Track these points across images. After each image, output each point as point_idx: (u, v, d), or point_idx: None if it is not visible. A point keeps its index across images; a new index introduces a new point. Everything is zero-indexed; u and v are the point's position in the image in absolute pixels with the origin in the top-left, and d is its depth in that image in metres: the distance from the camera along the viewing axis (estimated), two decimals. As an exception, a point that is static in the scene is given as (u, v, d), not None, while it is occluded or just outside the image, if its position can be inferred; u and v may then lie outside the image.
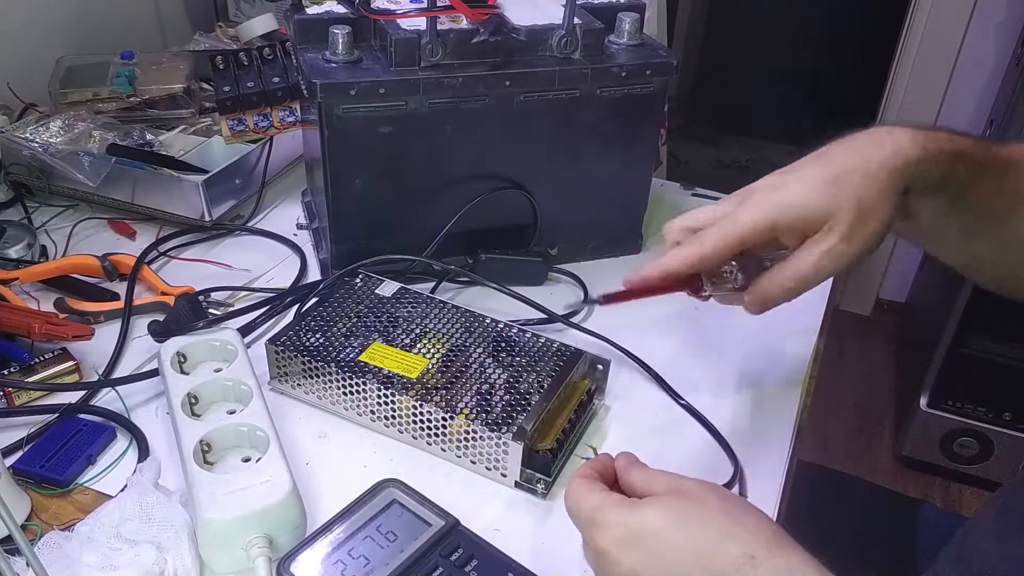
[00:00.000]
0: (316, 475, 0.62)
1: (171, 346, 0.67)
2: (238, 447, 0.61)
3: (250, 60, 0.92)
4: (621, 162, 0.85)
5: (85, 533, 0.54)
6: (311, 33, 0.77)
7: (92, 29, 1.17)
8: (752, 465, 0.65)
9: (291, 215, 0.95)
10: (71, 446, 0.62)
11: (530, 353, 0.67)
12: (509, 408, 0.61)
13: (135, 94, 1.03)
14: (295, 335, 0.68)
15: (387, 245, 0.80)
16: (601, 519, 0.48)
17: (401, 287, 0.74)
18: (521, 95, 0.77)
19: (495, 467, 0.61)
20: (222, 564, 0.54)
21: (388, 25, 0.74)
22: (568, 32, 0.76)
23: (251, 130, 0.91)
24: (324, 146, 0.75)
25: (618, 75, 0.78)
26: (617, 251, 0.91)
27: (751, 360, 0.77)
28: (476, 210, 0.81)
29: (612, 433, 0.68)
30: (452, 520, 0.55)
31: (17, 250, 0.85)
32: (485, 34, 0.75)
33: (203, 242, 0.91)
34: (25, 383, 0.67)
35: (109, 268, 0.83)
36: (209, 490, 0.54)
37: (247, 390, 0.63)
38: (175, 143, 1.01)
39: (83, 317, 0.77)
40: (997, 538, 0.50)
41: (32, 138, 0.93)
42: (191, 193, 0.88)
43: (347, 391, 0.65)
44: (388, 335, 0.68)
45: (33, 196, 0.96)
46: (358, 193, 0.78)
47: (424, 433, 0.63)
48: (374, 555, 0.52)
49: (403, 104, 0.74)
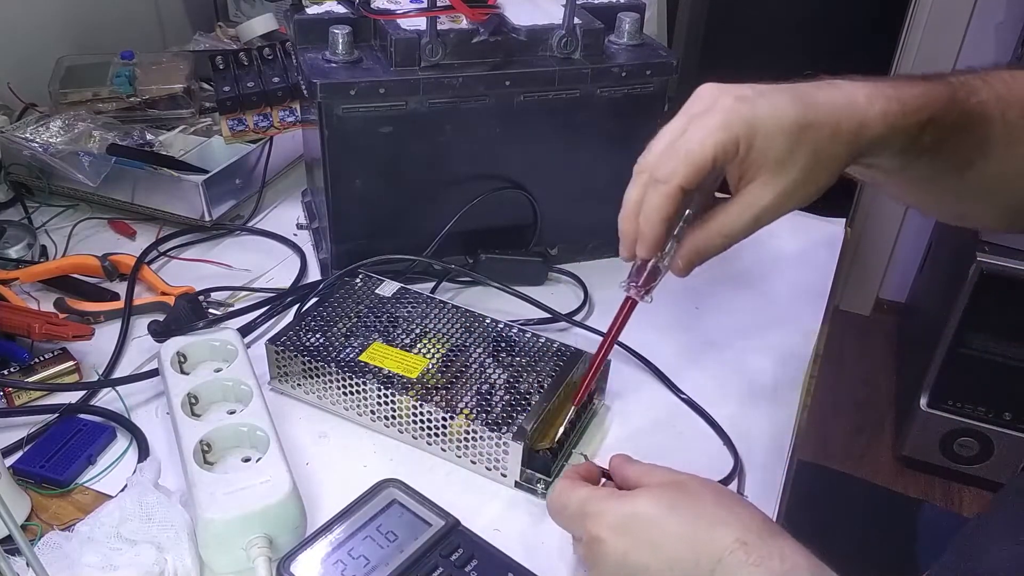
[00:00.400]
0: (316, 475, 0.62)
1: (171, 346, 0.67)
2: (238, 447, 0.61)
3: (250, 60, 0.92)
4: (621, 162, 0.84)
5: (85, 533, 0.54)
6: (311, 33, 0.77)
7: (92, 29, 1.17)
8: (752, 465, 0.65)
9: (291, 215, 0.95)
10: (71, 446, 0.62)
11: (530, 353, 0.67)
12: (509, 408, 0.61)
13: (135, 94, 1.03)
14: (295, 335, 0.68)
15: (387, 245, 0.80)
16: (593, 508, 0.49)
17: (401, 287, 0.74)
18: (521, 95, 0.77)
19: (495, 467, 0.61)
20: (222, 564, 0.54)
21: (388, 25, 0.74)
22: (568, 32, 0.76)
23: (251, 130, 0.91)
24: (324, 146, 0.75)
25: (618, 75, 0.78)
26: (617, 251, 0.90)
27: (751, 360, 0.77)
28: (476, 210, 0.81)
29: (612, 433, 0.68)
30: (452, 520, 0.55)
31: (17, 250, 0.85)
32: (485, 34, 0.75)
33: (203, 242, 0.91)
34: (25, 383, 0.67)
35: (109, 268, 0.83)
36: (209, 490, 0.54)
37: (247, 390, 0.63)
38: (175, 143, 1.01)
39: (83, 317, 0.77)
40: (1000, 539, 0.49)
41: (32, 138, 0.93)
42: (191, 193, 0.88)
43: (347, 391, 0.65)
44: (388, 335, 0.68)
45: (33, 196, 0.96)
46: (358, 193, 0.78)
47: (424, 433, 0.63)
48: (374, 555, 0.52)
49: (403, 104, 0.74)
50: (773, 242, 0.94)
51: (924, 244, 2.14)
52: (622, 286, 0.55)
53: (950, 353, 1.64)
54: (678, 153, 0.49)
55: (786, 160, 0.48)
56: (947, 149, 0.52)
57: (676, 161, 0.49)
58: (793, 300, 0.85)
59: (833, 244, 0.94)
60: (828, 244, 0.94)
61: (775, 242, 0.94)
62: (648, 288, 0.55)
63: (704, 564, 0.44)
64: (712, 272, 0.87)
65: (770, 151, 0.48)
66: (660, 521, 0.46)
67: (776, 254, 0.92)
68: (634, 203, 0.53)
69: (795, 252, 0.93)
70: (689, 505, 0.47)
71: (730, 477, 0.64)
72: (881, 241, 2.24)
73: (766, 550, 0.44)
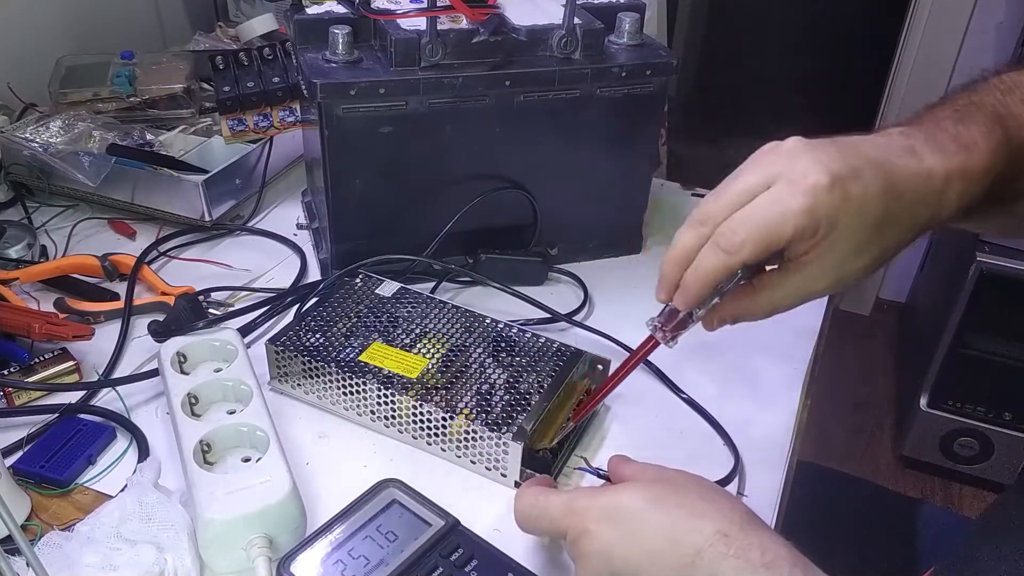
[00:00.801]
0: (316, 475, 0.62)
1: (171, 346, 0.67)
2: (238, 447, 0.61)
3: (250, 60, 0.92)
4: (621, 162, 0.85)
5: (85, 533, 0.54)
6: (311, 33, 0.77)
7: (92, 29, 1.17)
8: (752, 465, 0.65)
9: (291, 215, 0.95)
10: (71, 446, 0.62)
11: (530, 353, 0.67)
12: (509, 408, 0.61)
13: (135, 94, 1.03)
14: (295, 335, 0.68)
15: (387, 245, 0.80)
16: (579, 504, 0.49)
17: (401, 287, 0.74)
18: (521, 95, 0.77)
19: (495, 467, 0.61)
20: (222, 564, 0.54)
21: (388, 25, 0.74)
22: (568, 32, 0.76)
23: (251, 130, 0.91)
24: (324, 146, 0.75)
25: (618, 75, 0.78)
26: (617, 251, 0.91)
27: (751, 360, 0.77)
28: (476, 210, 0.81)
29: (612, 433, 0.68)
30: (452, 520, 0.55)
31: (17, 250, 0.85)
32: (485, 34, 0.75)
33: (203, 242, 0.91)
34: (25, 383, 0.67)
35: (109, 268, 0.83)
36: (209, 490, 0.54)
37: (247, 390, 0.63)
38: (175, 143, 1.01)
39: (83, 317, 0.77)
40: (999, 545, 0.49)
41: (32, 138, 0.93)
42: (191, 193, 0.88)
43: (347, 391, 0.65)
44: (388, 335, 0.68)
45: (33, 196, 0.96)
46: (358, 193, 0.78)
47: (424, 433, 0.63)
48: (374, 555, 0.52)
49: (403, 104, 0.74)
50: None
51: (924, 244, 2.13)
52: (649, 325, 0.53)
53: (950, 353, 1.64)
54: (751, 225, 0.46)
55: (859, 254, 0.47)
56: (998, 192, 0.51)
57: (747, 235, 0.46)
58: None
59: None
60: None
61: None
62: (675, 335, 0.53)
63: (685, 556, 0.45)
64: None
65: (847, 244, 0.46)
66: (643, 513, 0.47)
67: (776, 254, 0.92)
68: (685, 251, 0.49)
69: (795, 252, 0.93)
70: (672, 498, 0.47)
71: (730, 476, 0.64)
72: (881, 241, 2.23)
73: (746, 541, 0.44)
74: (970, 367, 1.63)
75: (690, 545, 0.45)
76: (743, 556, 0.44)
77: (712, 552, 0.44)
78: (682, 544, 0.45)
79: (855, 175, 0.46)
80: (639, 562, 0.46)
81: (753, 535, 0.45)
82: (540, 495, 0.52)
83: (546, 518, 0.51)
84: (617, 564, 0.46)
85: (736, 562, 0.43)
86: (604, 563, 0.47)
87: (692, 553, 0.44)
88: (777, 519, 0.63)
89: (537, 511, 0.52)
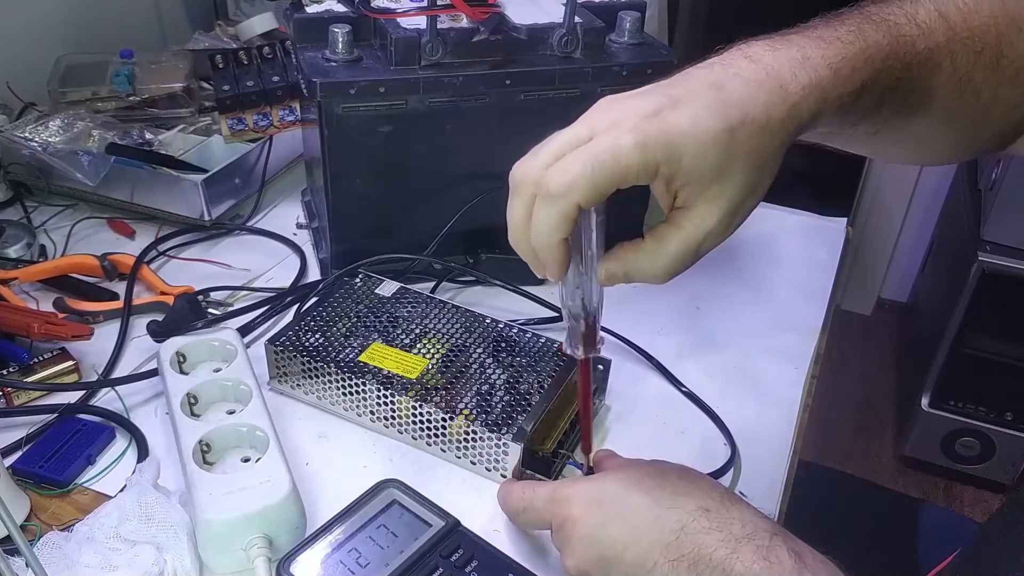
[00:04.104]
0: (316, 475, 0.62)
1: (170, 346, 0.66)
2: (238, 447, 0.61)
3: (250, 59, 0.92)
4: (622, 161, 0.85)
5: (84, 533, 0.53)
6: (311, 32, 0.77)
7: (92, 28, 1.17)
8: (753, 464, 0.65)
9: (291, 215, 0.95)
10: (70, 446, 0.62)
11: (530, 353, 0.67)
12: (509, 409, 0.61)
13: (134, 93, 1.03)
14: (295, 335, 0.67)
15: (387, 245, 0.79)
16: (562, 494, 0.50)
17: (401, 287, 0.74)
18: (522, 94, 0.77)
19: (495, 468, 0.61)
20: (222, 564, 0.54)
21: (388, 24, 0.74)
22: (569, 31, 0.76)
23: (251, 129, 0.91)
24: (324, 145, 0.74)
25: (619, 74, 0.78)
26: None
27: (752, 360, 0.76)
28: (476, 209, 0.81)
29: (613, 433, 0.68)
30: (452, 520, 0.54)
31: (16, 250, 0.85)
32: (485, 33, 0.74)
33: (202, 242, 0.90)
34: (24, 383, 0.67)
35: (108, 268, 0.82)
36: (209, 490, 0.53)
37: (247, 390, 0.63)
38: (175, 142, 1.00)
39: (82, 317, 0.76)
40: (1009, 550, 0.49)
41: (31, 137, 0.93)
42: (191, 192, 0.88)
43: (347, 391, 0.65)
44: (388, 335, 0.68)
45: (32, 195, 0.96)
46: (358, 192, 0.78)
47: (424, 434, 0.63)
48: (374, 555, 0.52)
49: (403, 103, 0.74)
50: (774, 242, 0.93)
51: (926, 244, 2.13)
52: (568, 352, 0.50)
53: (951, 353, 1.63)
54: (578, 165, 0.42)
55: (722, 174, 0.42)
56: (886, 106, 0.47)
57: (575, 174, 0.41)
58: (794, 300, 0.85)
59: (834, 244, 0.94)
60: (829, 244, 0.94)
61: (776, 242, 0.93)
62: (593, 344, 0.50)
63: (670, 532, 0.46)
64: (713, 272, 0.87)
65: (702, 169, 0.42)
66: (626, 495, 0.48)
67: (777, 254, 0.92)
68: (520, 223, 0.44)
69: (796, 252, 0.93)
70: (654, 480, 0.49)
71: (725, 468, 0.64)
72: (882, 241, 2.24)
73: (727, 516, 0.46)
74: (972, 367, 1.63)
75: (674, 522, 0.46)
76: (725, 529, 0.45)
77: (695, 526, 0.45)
78: (666, 521, 0.46)
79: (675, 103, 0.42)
80: (625, 543, 0.47)
81: (734, 510, 0.46)
82: (526, 488, 0.53)
83: (532, 510, 0.52)
84: (603, 547, 0.47)
85: (719, 535, 0.45)
86: (590, 547, 0.48)
87: (676, 529, 0.46)
88: (778, 519, 0.62)
89: (523, 503, 0.53)
